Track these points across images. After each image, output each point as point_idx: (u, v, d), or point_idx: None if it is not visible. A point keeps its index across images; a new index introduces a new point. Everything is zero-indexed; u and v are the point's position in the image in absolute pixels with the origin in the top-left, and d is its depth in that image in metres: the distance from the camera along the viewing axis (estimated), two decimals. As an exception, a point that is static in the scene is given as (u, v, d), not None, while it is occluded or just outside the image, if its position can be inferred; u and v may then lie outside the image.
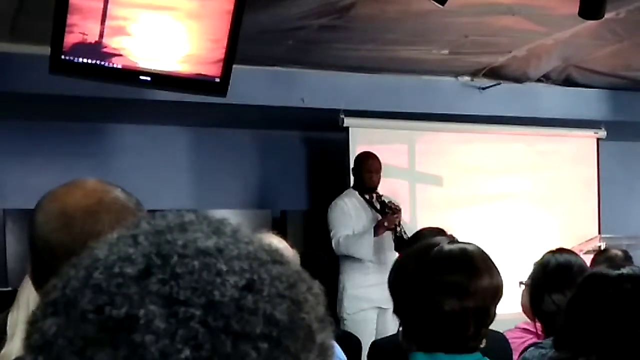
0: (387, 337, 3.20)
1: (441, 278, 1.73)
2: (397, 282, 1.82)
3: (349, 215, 5.34)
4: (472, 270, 1.75)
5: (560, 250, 3.18)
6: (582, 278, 1.86)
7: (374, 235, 5.22)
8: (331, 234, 5.32)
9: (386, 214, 5.30)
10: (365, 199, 5.44)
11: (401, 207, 5.40)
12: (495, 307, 1.80)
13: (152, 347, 0.50)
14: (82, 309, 0.52)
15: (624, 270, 1.74)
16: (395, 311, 1.85)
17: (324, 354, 0.57)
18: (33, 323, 0.55)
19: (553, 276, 2.92)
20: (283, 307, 0.54)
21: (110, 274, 0.54)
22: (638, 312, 1.60)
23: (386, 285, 1.87)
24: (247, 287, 0.53)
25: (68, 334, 0.52)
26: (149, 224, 0.59)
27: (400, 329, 1.82)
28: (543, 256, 3.12)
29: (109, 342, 0.50)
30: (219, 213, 5.73)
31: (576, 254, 3.24)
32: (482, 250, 1.85)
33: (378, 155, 5.50)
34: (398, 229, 5.20)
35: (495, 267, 1.84)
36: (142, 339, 0.50)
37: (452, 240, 1.90)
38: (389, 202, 5.40)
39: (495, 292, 1.78)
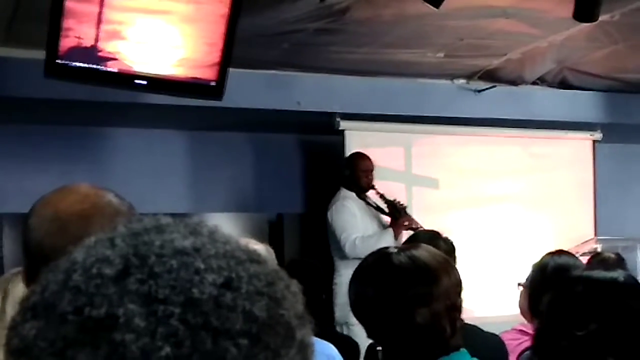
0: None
1: (404, 294, 1.72)
2: (362, 310, 1.80)
3: (357, 217, 5.33)
4: (430, 278, 1.74)
5: (559, 252, 3.19)
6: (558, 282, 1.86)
7: (395, 236, 5.21)
8: (342, 237, 5.24)
9: (398, 213, 5.31)
10: (362, 199, 5.44)
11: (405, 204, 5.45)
12: (461, 299, 1.79)
13: (133, 346, 0.50)
14: (62, 311, 0.53)
15: (586, 273, 1.73)
16: (369, 336, 1.84)
17: (304, 350, 0.57)
18: (12, 328, 0.55)
19: (551, 278, 2.93)
20: (262, 304, 0.54)
21: (88, 276, 0.54)
22: (584, 314, 1.59)
23: None
24: (226, 284, 0.54)
25: (48, 336, 0.52)
26: (125, 227, 0.59)
27: (379, 349, 1.80)
28: (542, 258, 3.13)
29: (89, 342, 0.51)
30: (215, 216, 5.75)
31: (575, 256, 3.25)
32: (429, 250, 1.84)
33: (374, 158, 5.51)
34: (419, 227, 5.17)
35: (447, 261, 1.83)
36: (123, 337, 0.50)
37: (401, 246, 1.88)
38: (394, 200, 5.42)
39: (457, 287, 1.78)
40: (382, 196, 5.45)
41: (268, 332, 0.54)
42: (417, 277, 1.74)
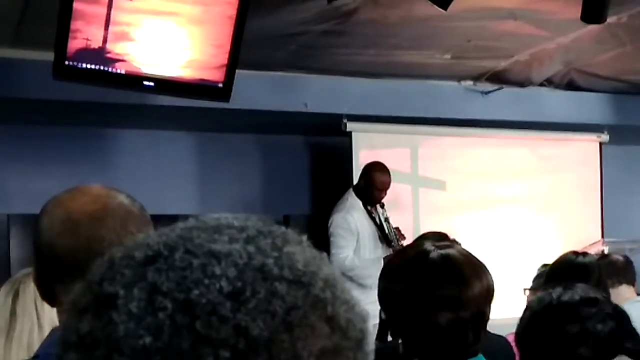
0: (389, 342, 3.19)
1: (432, 293, 1.68)
2: (389, 304, 1.77)
3: (355, 234, 5.28)
4: (461, 280, 1.69)
5: (579, 253, 3.15)
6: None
7: None
8: (333, 252, 5.20)
9: (395, 244, 5.22)
10: (367, 209, 5.39)
11: (405, 235, 5.36)
12: (490, 306, 1.75)
13: (121, 327, 0.52)
14: (91, 279, 0.57)
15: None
16: (391, 330, 1.82)
17: None
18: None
19: (569, 276, 2.90)
20: (264, 324, 0.52)
21: (126, 255, 0.57)
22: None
23: None
24: (232, 294, 0.53)
25: (78, 298, 0.57)
26: (197, 219, 0.60)
27: (400, 341, 1.78)
28: (562, 255, 3.09)
29: (95, 312, 0.54)
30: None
31: (591, 256, 3.23)
32: (466, 253, 1.79)
33: (381, 160, 5.48)
34: None
35: (482, 265, 1.79)
36: (117, 317, 0.53)
37: (439, 243, 1.82)
38: (395, 228, 5.33)
39: (488, 295, 1.73)
40: (386, 219, 5.41)
41: (260, 353, 0.52)
42: (447, 279, 1.70)
